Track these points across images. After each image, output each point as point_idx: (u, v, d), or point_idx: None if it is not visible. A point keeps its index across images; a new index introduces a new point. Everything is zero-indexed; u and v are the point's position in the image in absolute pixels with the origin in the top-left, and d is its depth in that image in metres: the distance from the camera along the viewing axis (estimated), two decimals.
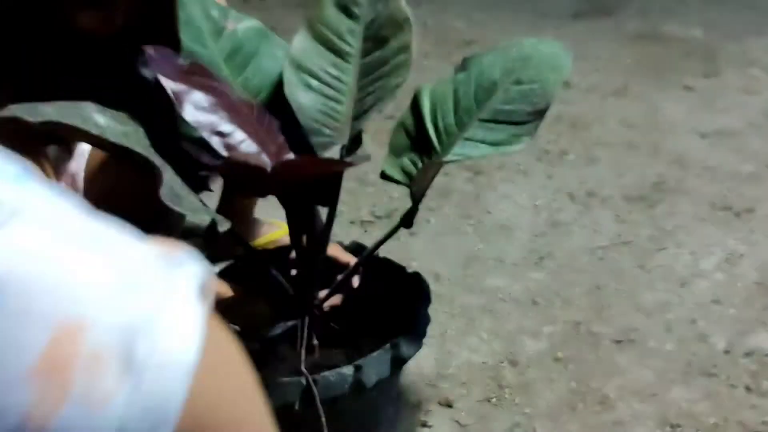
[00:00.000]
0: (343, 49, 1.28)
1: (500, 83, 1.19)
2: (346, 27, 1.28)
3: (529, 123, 1.16)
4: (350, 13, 1.29)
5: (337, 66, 1.27)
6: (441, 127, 1.21)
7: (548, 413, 1.44)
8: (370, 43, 1.27)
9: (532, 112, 1.16)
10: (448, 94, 1.22)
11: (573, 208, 2.06)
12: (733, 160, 2.25)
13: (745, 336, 1.61)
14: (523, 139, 1.16)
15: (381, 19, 1.27)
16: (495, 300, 1.74)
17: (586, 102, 2.60)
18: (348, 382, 1.15)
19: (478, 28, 3.27)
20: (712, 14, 3.32)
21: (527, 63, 1.19)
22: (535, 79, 1.18)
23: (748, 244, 1.89)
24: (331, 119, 1.25)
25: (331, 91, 1.26)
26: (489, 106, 1.18)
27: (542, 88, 1.17)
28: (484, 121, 1.18)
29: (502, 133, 1.17)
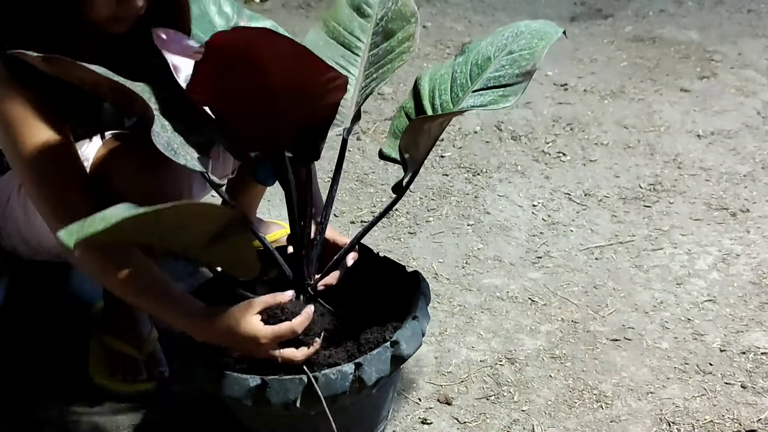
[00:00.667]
0: (353, 43, 1.34)
1: (494, 58, 1.23)
2: (357, 24, 1.35)
3: (517, 84, 1.19)
4: (363, 12, 1.36)
5: (346, 58, 1.33)
6: (438, 105, 1.24)
7: (546, 410, 1.46)
8: (379, 37, 1.33)
9: (521, 74, 1.19)
10: (447, 76, 1.26)
11: (570, 208, 2.08)
12: (728, 160, 2.27)
13: (740, 334, 1.63)
14: (510, 98, 1.18)
15: (390, 14, 1.34)
16: (493, 299, 1.75)
17: (583, 103, 2.62)
18: (348, 380, 1.17)
19: (477, 30, 3.29)
20: (707, 17, 3.34)
21: (519, 37, 1.24)
22: (524, 48, 1.22)
23: (744, 243, 1.91)
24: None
25: None
26: (482, 78, 1.22)
27: (530, 53, 1.20)
28: (476, 91, 1.22)
29: (491, 95, 1.20)
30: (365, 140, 2.42)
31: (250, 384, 1.16)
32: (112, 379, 1.50)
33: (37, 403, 1.49)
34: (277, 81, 1.06)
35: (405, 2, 1.34)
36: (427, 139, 1.22)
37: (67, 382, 1.54)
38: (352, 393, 1.18)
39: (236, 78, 1.06)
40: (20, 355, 1.60)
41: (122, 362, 1.51)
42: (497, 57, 1.23)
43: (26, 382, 1.54)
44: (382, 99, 2.62)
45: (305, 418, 1.21)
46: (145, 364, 1.52)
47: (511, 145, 2.38)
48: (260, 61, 1.02)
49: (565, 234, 1.98)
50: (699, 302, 1.73)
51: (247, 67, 1.03)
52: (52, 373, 1.56)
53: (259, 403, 1.16)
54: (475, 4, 3.58)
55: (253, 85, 1.07)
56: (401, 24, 1.32)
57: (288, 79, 1.06)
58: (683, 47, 3.03)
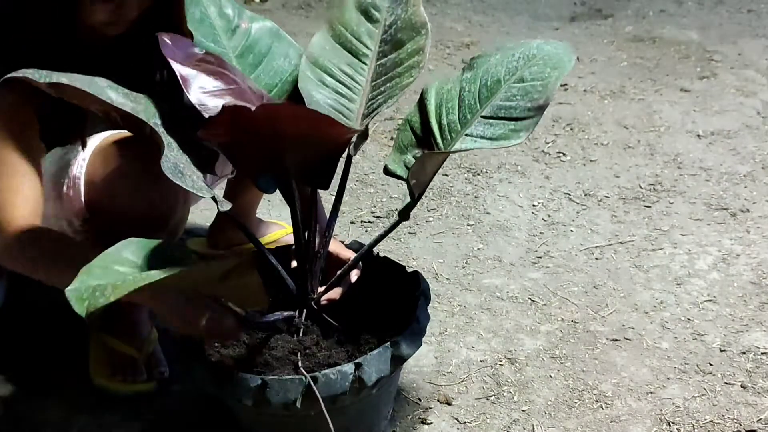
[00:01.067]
0: (360, 50, 1.31)
1: (504, 82, 1.20)
2: (365, 29, 1.31)
3: (528, 119, 1.17)
4: (371, 16, 1.31)
5: (353, 66, 1.30)
6: (445, 125, 1.22)
7: (546, 411, 1.46)
8: (387, 46, 1.30)
9: (532, 108, 1.17)
10: (454, 92, 1.23)
11: (570, 208, 2.08)
12: (728, 160, 2.27)
13: (740, 334, 1.63)
14: (521, 134, 1.16)
15: (399, 22, 1.30)
16: (493, 299, 1.75)
17: (583, 103, 2.62)
18: (348, 380, 1.17)
19: (477, 31, 3.29)
20: (707, 17, 3.34)
21: (531, 62, 1.20)
22: (536, 77, 1.19)
23: (744, 243, 1.91)
24: (343, 116, 1.28)
25: (345, 89, 1.29)
26: (491, 103, 1.20)
27: (543, 85, 1.18)
28: (486, 118, 1.19)
29: (502, 128, 1.18)
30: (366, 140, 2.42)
31: (250, 384, 1.16)
32: (111, 379, 1.50)
33: (37, 404, 1.49)
34: (290, 136, 1.08)
35: (415, 12, 1.29)
36: (435, 166, 1.22)
37: (67, 382, 1.54)
38: (352, 393, 1.18)
39: (251, 134, 1.07)
40: (20, 355, 1.60)
41: (122, 362, 1.50)
42: (507, 81, 1.20)
43: (26, 382, 1.54)
44: None
45: (305, 418, 1.21)
46: (145, 364, 1.52)
47: None
48: (278, 128, 1.05)
49: (565, 234, 1.98)
50: (699, 302, 1.73)
51: (265, 131, 1.05)
52: (52, 373, 1.56)
53: (259, 403, 1.16)
54: (475, 4, 3.58)
55: (267, 138, 1.08)
56: (411, 35, 1.28)
57: (301, 136, 1.08)
58: (683, 47, 3.03)
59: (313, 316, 1.29)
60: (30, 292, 1.70)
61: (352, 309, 1.33)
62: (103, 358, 1.52)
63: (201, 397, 1.46)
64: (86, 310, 0.87)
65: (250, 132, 1.07)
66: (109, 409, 1.47)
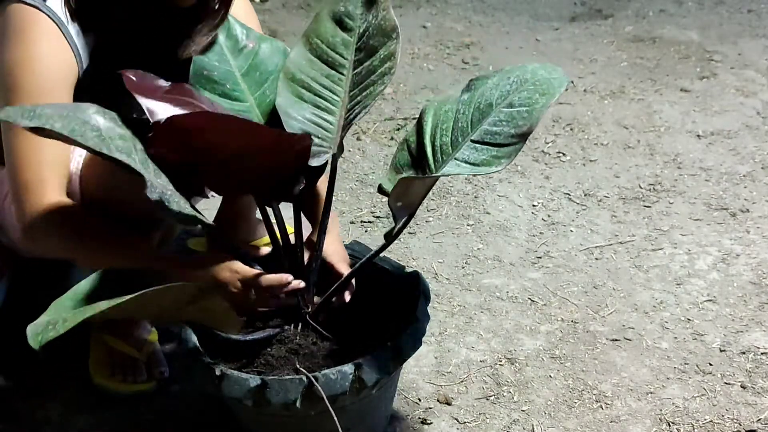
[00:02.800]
0: (337, 61, 1.30)
1: (495, 105, 1.19)
2: (340, 39, 1.30)
3: (511, 146, 1.16)
4: (345, 25, 1.31)
5: (331, 77, 1.30)
6: (438, 146, 1.21)
7: (546, 410, 1.46)
8: (362, 54, 1.29)
9: (516, 134, 1.16)
10: (451, 114, 1.23)
11: (570, 208, 2.08)
12: (728, 160, 2.27)
13: (740, 334, 1.63)
14: (502, 161, 1.16)
15: (371, 29, 1.29)
16: (493, 299, 1.75)
17: (583, 103, 2.62)
18: (348, 380, 1.17)
19: (477, 31, 3.29)
20: (707, 17, 3.34)
21: (522, 86, 1.20)
22: (524, 103, 1.18)
23: (744, 243, 1.91)
24: (322, 129, 1.28)
25: (324, 102, 1.29)
26: (481, 127, 1.19)
27: (528, 112, 1.17)
28: (474, 142, 1.19)
29: (485, 153, 1.17)
30: (365, 140, 2.42)
31: (250, 384, 1.16)
32: (111, 379, 1.50)
33: (37, 403, 1.49)
34: (230, 150, 1.08)
35: (385, 16, 1.28)
36: (421, 190, 1.20)
37: (67, 381, 1.54)
38: (352, 393, 1.18)
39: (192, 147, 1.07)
40: (20, 355, 1.60)
41: (122, 362, 1.51)
42: (499, 105, 1.19)
43: (26, 381, 1.54)
44: (382, 99, 2.62)
45: (305, 418, 1.21)
46: (145, 364, 1.52)
47: None
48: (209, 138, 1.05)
49: (564, 234, 1.98)
50: (699, 302, 1.73)
51: (200, 141, 1.05)
52: (52, 372, 1.56)
53: (259, 403, 1.17)
54: (475, 5, 3.58)
55: (210, 152, 1.08)
56: (382, 40, 1.27)
57: (241, 147, 1.07)
58: (683, 47, 3.03)
59: (308, 327, 1.30)
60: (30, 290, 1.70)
61: (352, 308, 1.34)
62: (103, 358, 1.52)
63: (201, 397, 1.46)
64: (38, 343, 0.96)
65: (193, 148, 1.06)
66: (109, 409, 1.47)
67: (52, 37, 1.21)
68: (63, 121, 1.02)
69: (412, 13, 3.46)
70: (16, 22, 1.20)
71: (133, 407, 1.48)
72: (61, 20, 1.22)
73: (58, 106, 1.05)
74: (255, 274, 1.21)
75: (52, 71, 1.21)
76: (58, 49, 1.21)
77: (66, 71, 1.23)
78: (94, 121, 1.05)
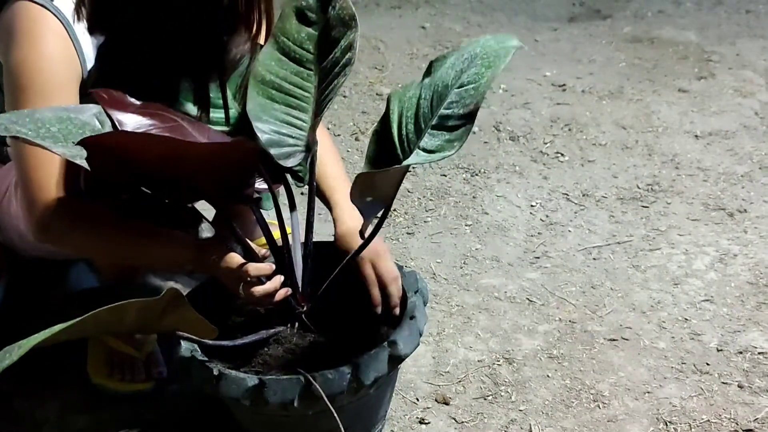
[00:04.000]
0: (304, 56, 1.29)
1: (451, 87, 1.16)
2: (305, 34, 1.29)
3: (461, 128, 1.12)
4: (308, 19, 1.29)
5: (300, 74, 1.29)
6: (404, 136, 1.18)
7: (543, 410, 1.46)
8: (325, 45, 1.28)
9: (464, 114, 1.12)
10: (414, 100, 1.19)
11: (568, 209, 2.09)
12: (726, 161, 2.27)
13: (737, 334, 1.64)
14: (454, 144, 1.11)
15: (331, 20, 1.27)
16: (491, 299, 1.76)
17: (582, 104, 2.62)
18: (346, 380, 1.17)
19: (476, 31, 3.29)
20: (706, 17, 3.34)
21: (473, 63, 1.15)
22: (472, 80, 1.14)
23: (741, 244, 1.92)
24: (296, 128, 1.27)
25: (295, 101, 1.28)
26: (439, 111, 1.15)
27: (475, 89, 1.13)
28: (433, 128, 1.15)
29: (439, 139, 1.14)
30: (364, 141, 2.42)
31: (248, 384, 1.16)
32: (110, 378, 1.50)
33: (36, 402, 1.50)
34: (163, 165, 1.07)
35: (343, 5, 1.26)
36: (390, 182, 1.15)
37: (66, 381, 1.54)
38: (350, 393, 1.18)
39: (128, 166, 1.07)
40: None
41: (120, 362, 1.51)
42: (453, 87, 1.14)
43: (25, 380, 1.54)
44: (380, 99, 2.62)
45: (303, 418, 1.21)
46: (144, 364, 1.52)
47: (509, 146, 2.38)
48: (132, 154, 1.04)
49: (563, 234, 1.98)
50: (696, 302, 1.73)
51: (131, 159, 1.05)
52: (51, 372, 1.56)
53: (257, 403, 1.17)
54: (474, 5, 3.58)
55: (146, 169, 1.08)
56: (342, 31, 1.25)
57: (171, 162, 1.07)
58: (681, 48, 3.04)
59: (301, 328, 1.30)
60: (29, 289, 1.71)
61: (350, 308, 1.34)
62: (102, 358, 1.52)
63: (199, 397, 1.47)
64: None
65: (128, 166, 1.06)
66: (107, 409, 1.48)
67: (58, 36, 1.21)
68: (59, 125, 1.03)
69: (410, 14, 3.46)
70: (23, 21, 1.21)
71: (132, 407, 1.48)
72: (66, 20, 1.22)
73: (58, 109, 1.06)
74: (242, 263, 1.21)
75: (59, 70, 1.22)
76: (63, 49, 1.22)
77: (72, 71, 1.24)
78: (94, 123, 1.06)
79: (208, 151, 1.10)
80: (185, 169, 1.08)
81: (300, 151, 1.27)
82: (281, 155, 1.25)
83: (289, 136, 1.26)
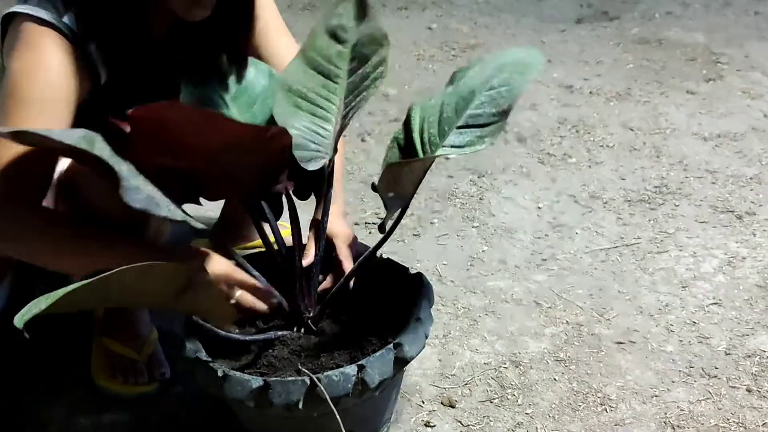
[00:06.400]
0: (332, 71, 1.34)
1: (478, 92, 1.22)
2: (335, 51, 1.34)
3: (493, 124, 1.19)
4: (339, 37, 1.34)
5: (327, 87, 1.33)
6: (426, 139, 1.24)
7: (550, 414, 1.45)
8: (355, 62, 1.33)
9: (497, 113, 1.19)
10: (436, 107, 1.25)
11: (575, 211, 2.07)
12: (734, 163, 2.26)
13: (746, 338, 1.62)
14: (485, 140, 1.19)
15: (363, 38, 1.33)
16: (498, 301, 1.75)
17: (589, 105, 2.62)
18: (351, 382, 1.16)
19: (483, 32, 3.28)
20: (714, 19, 3.33)
21: (502, 70, 1.22)
22: (504, 84, 1.21)
23: (750, 246, 1.90)
24: (319, 136, 1.31)
25: (320, 111, 1.32)
26: (465, 113, 1.22)
27: (509, 91, 1.20)
28: (459, 128, 1.22)
29: (469, 136, 1.21)
30: (370, 142, 2.42)
31: (253, 385, 1.16)
32: (113, 381, 1.50)
33: (40, 404, 1.49)
34: (205, 143, 1.06)
35: (375, 25, 1.33)
36: (411, 178, 1.21)
37: (70, 383, 1.54)
38: (355, 395, 1.17)
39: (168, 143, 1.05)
40: (24, 356, 1.60)
41: (122, 364, 1.50)
42: (480, 91, 1.22)
43: (30, 382, 1.54)
44: (386, 100, 2.62)
45: (308, 420, 1.21)
46: (146, 365, 1.52)
47: (516, 147, 2.37)
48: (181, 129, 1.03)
49: (570, 236, 1.97)
50: (704, 305, 1.72)
51: (173, 135, 1.04)
52: (56, 374, 1.56)
53: (261, 404, 1.16)
54: (481, 6, 3.58)
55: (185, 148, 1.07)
56: (374, 48, 1.31)
57: (215, 141, 1.06)
58: (689, 49, 3.02)
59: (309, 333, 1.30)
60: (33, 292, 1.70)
61: (356, 310, 1.33)
62: (104, 361, 1.52)
63: (203, 399, 1.46)
64: (22, 321, 0.98)
65: (171, 145, 1.05)
66: (112, 411, 1.47)
67: (63, 51, 1.18)
68: None
69: (417, 15, 3.46)
70: (27, 36, 1.18)
71: (136, 409, 1.48)
72: (77, 35, 1.19)
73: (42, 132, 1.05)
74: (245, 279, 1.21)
75: (57, 85, 1.18)
76: (67, 64, 1.18)
77: (72, 87, 1.20)
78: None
79: (254, 134, 1.11)
80: (228, 151, 1.08)
81: (321, 158, 1.30)
82: (304, 158, 1.28)
83: (311, 142, 1.30)
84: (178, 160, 1.08)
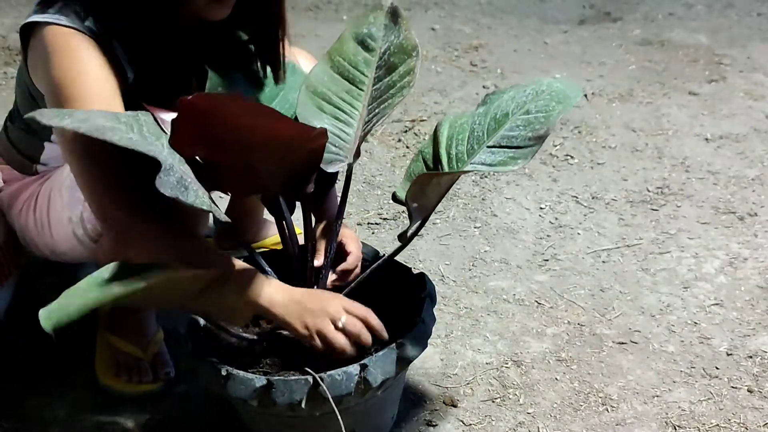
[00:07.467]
0: (357, 77, 1.35)
1: (512, 114, 1.25)
2: (362, 58, 1.36)
3: (528, 147, 1.21)
4: (367, 46, 1.36)
5: (351, 92, 1.35)
6: (453, 155, 1.26)
7: (551, 413, 1.46)
8: (382, 71, 1.35)
9: (533, 137, 1.21)
10: (466, 126, 1.27)
11: (577, 211, 2.08)
12: (736, 164, 2.27)
13: (747, 338, 1.63)
14: (518, 161, 1.21)
15: (392, 48, 1.35)
16: (500, 301, 1.75)
17: (592, 106, 2.62)
18: (354, 381, 1.17)
19: (486, 33, 3.29)
20: (716, 20, 3.33)
21: (538, 97, 1.25)
22: (541, 110, 1.23)
23: (751, 247, 1.91)
24: (340, 139, 1.32)
25: (343, 115, 1.34)
26: (497, 134, 1.24)
27: (545, 117, 1.22)
28: (490, 147, 1.24)
29: (502, 155, 1.22)
30: (373, 142, 2.43)
31: (256, 384, 1.16)
32: (117, 379, 1.50)
33: (44, 403, 1.50)
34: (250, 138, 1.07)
35: (407, 36, 1.35)
36: (437, 190, 1.24)
37: (74, 381, 1.54)
38: (357, 394, 1.18)
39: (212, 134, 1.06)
40: (28, 355, 1.61)
41: (127, 363, 1.51)
42: (515, 114, 1.24)
43: (33, 381, 1.55)
44: None
45: (310, 419, 1.21)
46: (151, 364, 1.52)
47: None
48: (229, 121, 1.04)
49: (572, 237, 1.98)
50: (706, 306, 1.73)
51: (220, 126, 1.04)
52: (60, 372, 1.57)
53: (264, 403, 1.17)
54: (484, 7, 3.59)
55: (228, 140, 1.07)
56: (403, 58, 1.33)
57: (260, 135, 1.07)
58: (692, 51, 3.03)
59: None
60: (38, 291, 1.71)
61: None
62: (109, 359, 1.53)
63: (207, 398, 1.47)
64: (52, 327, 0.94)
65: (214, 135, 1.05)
66: (116, 409, 1.48)
67: (93, 52, 1.18)
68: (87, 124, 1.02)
69: (420, 16, 3.46)
70: (57, 41, 1.17)
71: (140, 407, 1.48)
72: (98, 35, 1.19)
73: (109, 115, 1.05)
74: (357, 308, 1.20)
75: (105, 78, 1.18)
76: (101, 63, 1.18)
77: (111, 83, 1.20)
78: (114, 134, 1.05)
79: (299, 133, 1.11)
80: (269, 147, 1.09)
81: (340, 161, 1.32)
82: (324, 160, 1.28)
83: (332, 145, 1.31)
84: (215, 151, 1.08)
